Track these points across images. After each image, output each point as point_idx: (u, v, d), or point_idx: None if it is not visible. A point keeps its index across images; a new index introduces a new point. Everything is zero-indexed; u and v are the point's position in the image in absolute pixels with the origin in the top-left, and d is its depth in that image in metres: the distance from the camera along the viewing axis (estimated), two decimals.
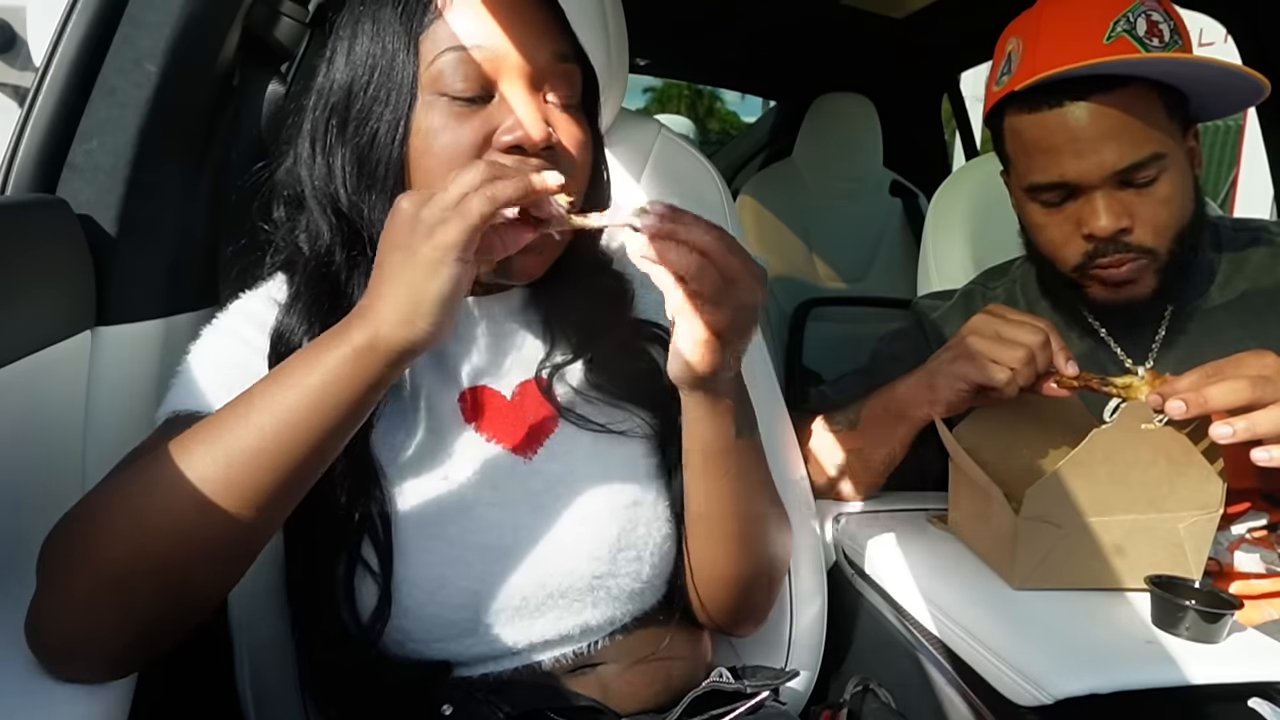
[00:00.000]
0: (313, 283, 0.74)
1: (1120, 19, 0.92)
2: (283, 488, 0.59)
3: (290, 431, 0.58)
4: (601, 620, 0.77)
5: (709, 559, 0.79)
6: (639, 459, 0.80)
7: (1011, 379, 0.90)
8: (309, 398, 0.58)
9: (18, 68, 1.16)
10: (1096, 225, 0.94)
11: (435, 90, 0.70)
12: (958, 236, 1.43)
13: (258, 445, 0.58)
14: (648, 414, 0.81)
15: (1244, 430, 0.78)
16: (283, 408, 0.58)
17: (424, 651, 0.73)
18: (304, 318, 0.73)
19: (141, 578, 0.57)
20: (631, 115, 1.14)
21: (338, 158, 0.73)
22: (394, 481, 0.73)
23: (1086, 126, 0.92)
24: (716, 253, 0.61)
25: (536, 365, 0.80)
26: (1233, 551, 0.95)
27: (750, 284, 0.62)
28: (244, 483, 0.58)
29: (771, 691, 0.80)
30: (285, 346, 0.72)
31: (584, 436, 0.78)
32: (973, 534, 0.98)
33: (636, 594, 0.78)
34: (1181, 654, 0.76)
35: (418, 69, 0.70)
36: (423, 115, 0.70)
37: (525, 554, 0.74)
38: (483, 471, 0.75)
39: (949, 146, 3.33)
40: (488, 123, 0.70)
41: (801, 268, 2.59)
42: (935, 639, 0.89)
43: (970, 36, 2.41)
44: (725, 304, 0.63)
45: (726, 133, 8.19)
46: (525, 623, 0.74)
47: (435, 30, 0.70)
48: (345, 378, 0.59)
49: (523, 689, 0.74)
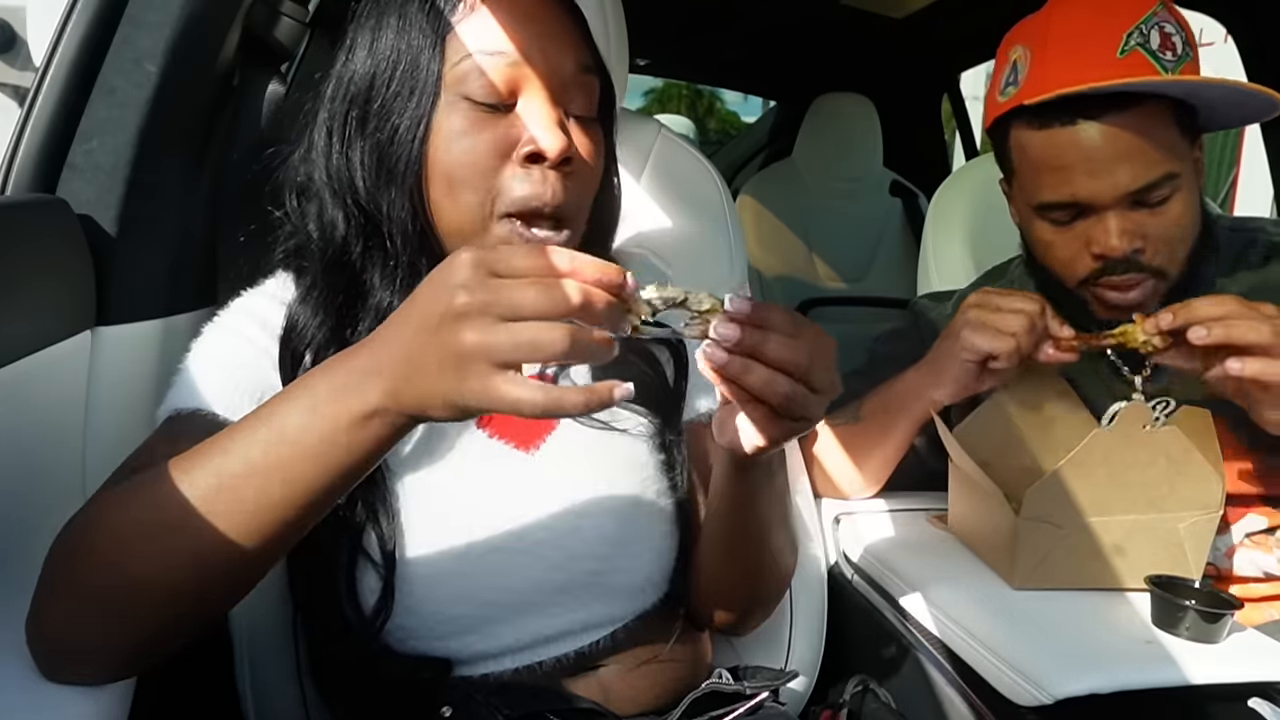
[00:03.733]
0: (330, 273, 0.74)
1: (1133, 31, 0.89)
2: (281, 531, 0.55)
3: (287, 486, 0.53)
4: (602, 617, 0.77)
5: (724, 579, 0.80)
6: (641, 457, 0.80)
7: (1015, 346, 0.90)
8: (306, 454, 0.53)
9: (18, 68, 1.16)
10: (1109, 246, 0.92)
11: (458, 92, 0.70)
12: (958, 236, 1.43)
13: (256, 491, 0.53)
14: (650, 413, 0.81)
15: (1220, 332, 0.80)
16: (276, 455, 0.53)
17: (425, 649, 0.73)
18: (318, 309, 0.73)
19: (133, 598, 0.55)
20: (631, 115, 1.14)
21: (357, 150, 0.73)
22: (395, 476, 0.73)
23: (1100, 147, 0.89)
24: (801, 370, 0.55)
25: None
26: (1231, 556, 0.95)
27: (832, 389, 0.57)
28: (240, 516, 0.53)
29: (771, 692, 0.80)
30: (299, 339, 0.72)
31: (585, 433, 0.79)
32: (973, 534, 0.98)
33: (637, 590, 0.78)
34: (1181, 654, 0.76)
35: (442, 69, 0.70)
36: (444, 116, 0.70)
37: (526, 550, 0.74)
38: (485, 467, 0.76)
39: (949, 146, 3.33)
40: (508, 131, 0.70)
41: (801, 268, 2.59)
42: (935, 639, 0.89)
43: (970, 36, 2.41)
44: (801, 413, 0.57)
45: (726, 133, 8.19)
46: (526, 619, 0.74)
47: (462, 32, 0.70)
48: (351, 443, 0.52)
49: (523, 690, 0.73)
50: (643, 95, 8.47)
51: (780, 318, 0.55)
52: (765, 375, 0.55)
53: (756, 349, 0.54)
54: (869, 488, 1.10)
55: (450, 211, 0.72)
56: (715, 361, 0.55)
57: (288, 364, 0.72)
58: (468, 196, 0.71)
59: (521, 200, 0.70)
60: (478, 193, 0.70)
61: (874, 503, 1.11)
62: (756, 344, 0.54)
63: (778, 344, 0.54)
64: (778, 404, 0.56)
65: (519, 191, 0.70)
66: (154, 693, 0.67)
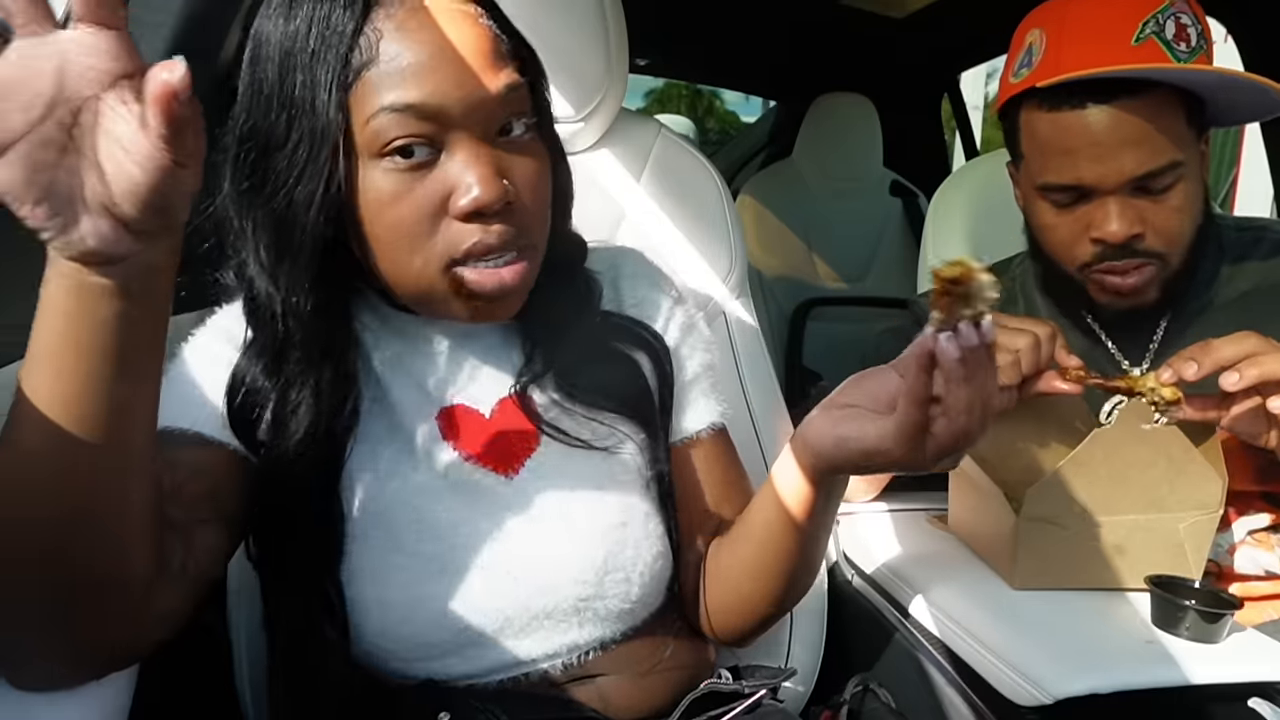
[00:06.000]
0: (258, 327, 0.69)
1: (1150, 20, 0.90)
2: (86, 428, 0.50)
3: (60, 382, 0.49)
4: (590, 639, 0.75)
5: (742, 605, 0.79)
6: (627, 475, 0.78)
7: (1015, 360, 0.89)
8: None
9: None
10: (1108, 230, 0.92)
11: (373, 153, 0.62)
12: (958, 236, 1.43)
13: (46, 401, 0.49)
14: (634, 427, 0.78)
15: (1252, 375, 0.77)
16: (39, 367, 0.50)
17: (406, 670, 0.72)
18: (257, 360, 0.68)
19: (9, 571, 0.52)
20: (631, 115, 1.14)
21: (250, 219, 0.66)
22: (369, 501, 0.71)
23: (1108, 131, 0.90)
24: (990, 414, 0.57)
25: (515, 381, 0.76)
26: (1233, 554, 0.95)
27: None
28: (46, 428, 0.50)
29: (770, 691, 0.80)
30: (242, 386, 0.68)
31: (567, 454, 0.75)
32: (973, 534, 0.98)
33: (626, 613, 0.76)
34: (1181, 654, 0.76)
35: (348, 126, 0.62)
36: (366, 180, 0.63)
37: (507, 575, 0.72)
38: (462, 491, 0.73)
39: (949, 146, 3.33)
40: (441, 185, 0.63)
41: (801, 268, 2.59)
42: (935, 639, 0.89)
43: (970, 36, 2.41)
44: (962, 446, 0.58)
45: (726, 133, 8.19)
46: (509, 643, 0.72)
47: (365, 84, 0.61)
48: None
49: (522, 698, 0.72)
50: (643, 95, 8.47)
51: (993, 362, 0.56)
52: (971, 398, 0.55)
53: (978, 370, 0.55)
54: (870, 490, 1.10)
55: (393, 274, 0.67)
56: (946, 355, 0.54)
57: (237, 416, 0.68)
58: (410, 260, 0.65)
59: (468, 249, 0.65)
60: (419, 254, 0.65)
61: (874, 503, 1.11)
62: (982, 366, 0.55)
63: (992, 380, 0.55)
64: (959, 429, 0.56)
65: (465, 244, 0.64)
66: (154, 693, 0.67)
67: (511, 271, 0.66)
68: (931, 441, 0.58)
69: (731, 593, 0.79)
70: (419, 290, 0.67)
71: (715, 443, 0.84)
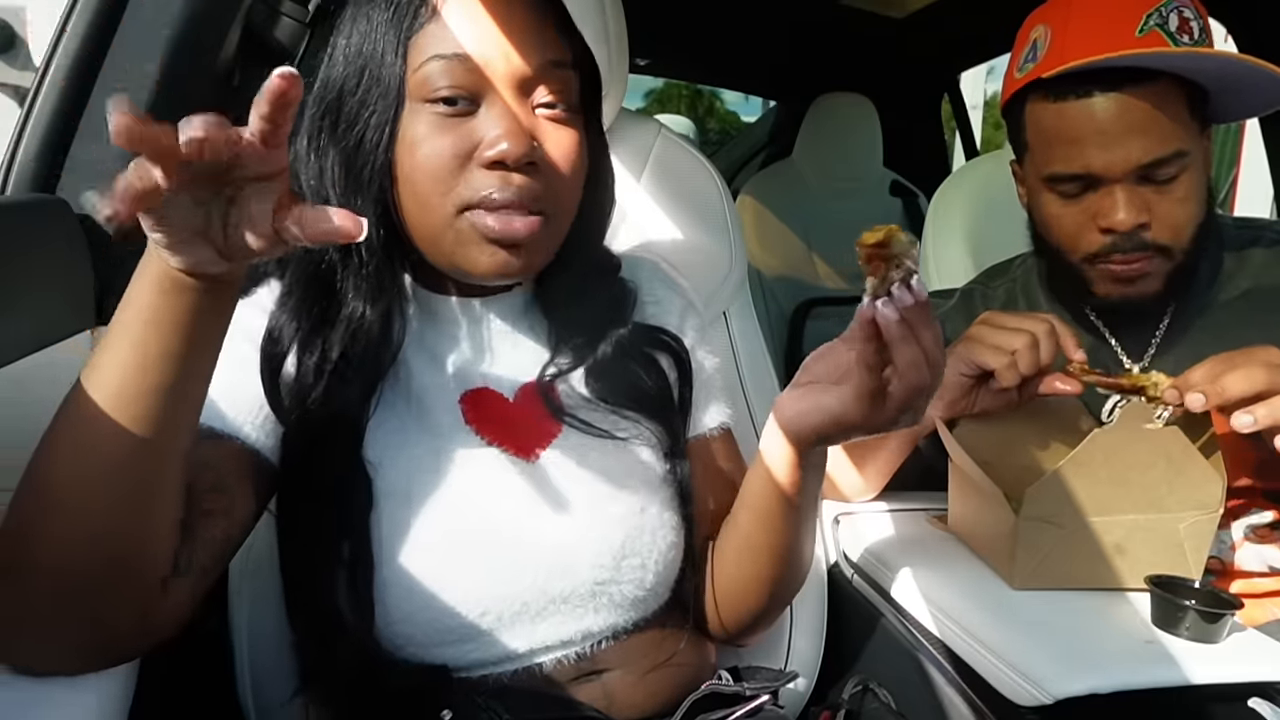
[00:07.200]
0: (303, 282, 0.74)
1: (1153, 13, 0.92)
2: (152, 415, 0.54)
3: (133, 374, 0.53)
4: (604, 626, 0.76)
5: (742, 589, 0.81)
6: (644, 467, 0.80)
7: (1011, 363, 0.88)
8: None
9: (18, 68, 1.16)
10: (1115, 219, 0.93)
11: (420, 97, 0.70)
12: (958, 236, 1.43)
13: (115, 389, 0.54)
14: (653, 423, 0.81)
15: (1265, 416, 0.78)
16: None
17: (422, 656, 0.72)
18: (294, 316, 0.72)
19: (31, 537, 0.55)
20: (631, 115, 1.14)
21: (328, 158, 0.73)
22: (391, 483, 0.72)
23: (1114, 119, 0.91)
24: (937, 368, 0.61)
25: (539, 369, 0.79)
26: (1235, 550, 0.95)
27: (927, 404, 0.63)
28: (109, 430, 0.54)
29: (770, 694, 0.80)
30: (276, 347, 0.72)
31: (587, 442, 0.78)
32: (973, 534, 0.98)
33: (640, 601, 0.77)
34: (1181, 654, 0.76)
35: (405, 74, 0.70)
36: (409, 122, 0.70)
37: (526, 559, 0.73)
38: (483, 475, 0.75)
39: (949, 146, 3.33)
40: (471, 135, 0.70)
41: (801, 268, 2.59)
42: (935, 639, 0.89)
43: (970, 36, 2.42)
44: (916, 404, 0.63)
45: (726, 133, 8.19)
46: (525, 628, 0.73)
47: (424, 35, 0.70)
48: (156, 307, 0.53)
49: (525, 696, 0.73)
50: (643, 95, 8.47)
51: (930, 316, 0.59)
52: (916, 354, 0.59)
53: (919, 327, 0.58)
54: (870, 491, 1.10)
55: (417, 215, 0.72)
56: (886, 319, 0.57)
57: (266, 369, 0.71)
58: (433, 200, 0.70)
59: (484, 196, 0.69)
60: (442, 196, 0.70)
61: (874, 503, 1.11)
62: (921, 322, 0.58)
63: (933, 333, 0.59)
64: (911, 384, 0.60)
65: (482, 190, 0.69)
66: (154, 693, 0.67)
67: (524, 223, 0.70)
68: (890, 401, 0.62)
69: (732, 578, 0.81)
70: (437, 232, 0.72)
71: (723, 442, 0.88)
